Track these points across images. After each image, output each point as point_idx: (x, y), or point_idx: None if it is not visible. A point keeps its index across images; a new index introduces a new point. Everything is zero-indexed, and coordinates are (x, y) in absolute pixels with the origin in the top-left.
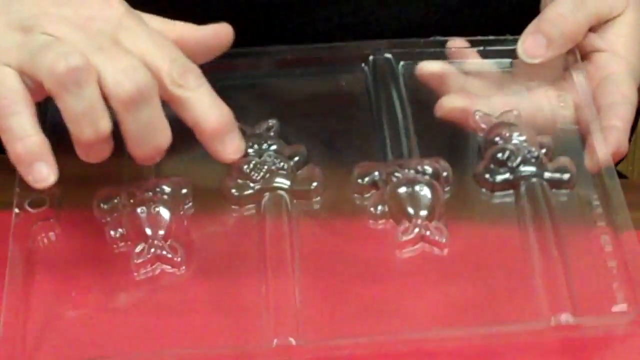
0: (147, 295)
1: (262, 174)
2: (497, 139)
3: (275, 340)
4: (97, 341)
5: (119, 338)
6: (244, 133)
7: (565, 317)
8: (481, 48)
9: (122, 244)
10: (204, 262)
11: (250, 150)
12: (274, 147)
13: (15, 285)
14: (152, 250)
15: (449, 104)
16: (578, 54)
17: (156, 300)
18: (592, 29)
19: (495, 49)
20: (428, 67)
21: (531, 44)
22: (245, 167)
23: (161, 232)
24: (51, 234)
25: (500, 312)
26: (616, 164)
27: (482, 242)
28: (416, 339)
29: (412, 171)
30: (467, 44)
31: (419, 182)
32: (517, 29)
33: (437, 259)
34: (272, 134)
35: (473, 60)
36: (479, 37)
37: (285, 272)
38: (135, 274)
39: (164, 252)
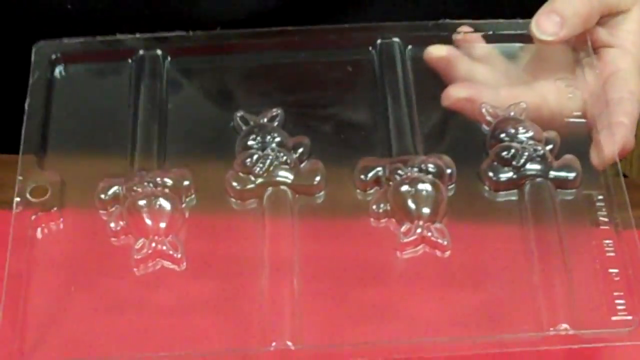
0: (147, 293)
1: (264, 167)
2: (502, 135)
3: (273, 344)
4: (94, 339)
5: (117, 337)
6: (247, 123)
7: (565, 327)
8: (491, 32)
9: (123, 236)
10: (204, 259)
11: (253, 143)
12: (277, 139)
13: (14, 279)
14: (153, 245)
15: (456, 94)
16: (590, 47)
17: (155, 299)
18: (600, 22)
19: (505, 33)
20: (435, 52)
21: (545, 22)
22: (248, 160)
23: (162, 225)
24: (52, 224)
25: (499, 321)
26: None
27: (484, 245)
28: (414, 346)
29: (415, 169)
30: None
31: (422, 182)
32: None
33: (438, 262)
34: (276, 124)
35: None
36: (490, 20)
37: (285, 273)
38: (136, 269)
39: (164, 248)
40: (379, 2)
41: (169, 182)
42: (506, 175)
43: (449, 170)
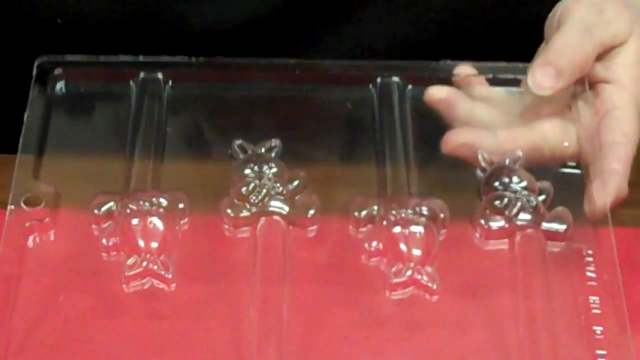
0: (135, 310)
1: (260, 197)
2: (496, 183)
3: None
4: (79, 347)
5: (102, 346)
6: (245, 152)
7: None
8: (490, 76)
9: (114, 253)
10: (194, 282)
11: (249, 172)
12: (274, 169)
13: (3, 284)
14: (144, 264)
15: (456, 141)
16: (587, 84)
17: (143, 317)
18: (597, 57)
19: (504, 77)
20: (436, 94)
21: (541, 76)
22: (244, 189)
23: (154, 245)
24: (44, 234)
25: None
26: None
27: (472, 293)
28: None
29: (409, 211)
30: (475, 71)
31: (415, 224)
32: (512, 41)
33: (426, 305)
34: (273, 155)
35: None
36: (488, 63)
37: (273, 303)
38: (125, 286)
39: (155, 267)
40: (370, 11)
41: (163, 202)
42: (498, 224)
43: (442, 215)
